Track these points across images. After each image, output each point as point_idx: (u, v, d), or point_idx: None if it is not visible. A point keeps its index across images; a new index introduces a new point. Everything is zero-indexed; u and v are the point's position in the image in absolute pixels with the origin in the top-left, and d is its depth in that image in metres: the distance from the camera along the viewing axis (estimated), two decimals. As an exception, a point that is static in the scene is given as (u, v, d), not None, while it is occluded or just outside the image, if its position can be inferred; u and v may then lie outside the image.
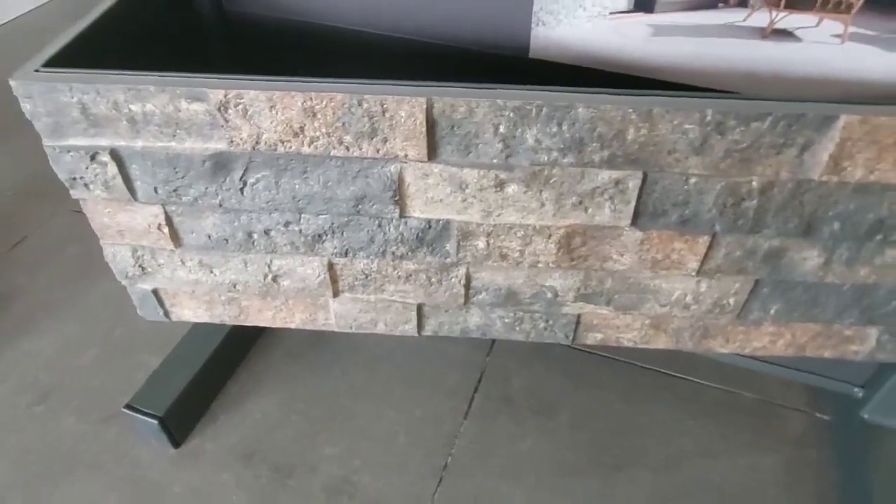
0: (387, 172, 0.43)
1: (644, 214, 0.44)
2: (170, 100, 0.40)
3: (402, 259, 0.49)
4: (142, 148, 0.43)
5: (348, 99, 0.39)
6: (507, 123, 0.39)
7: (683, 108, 0.38)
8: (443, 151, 0.41)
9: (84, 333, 0.83)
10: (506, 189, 0.43)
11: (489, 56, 0.54)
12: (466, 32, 0.53)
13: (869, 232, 0.44)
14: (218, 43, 0.60)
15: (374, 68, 0.58)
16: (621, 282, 0.49)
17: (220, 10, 0.58)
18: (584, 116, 0.39)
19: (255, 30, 0.58)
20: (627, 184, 0.42)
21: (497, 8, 0.51)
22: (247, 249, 0.49)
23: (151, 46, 0.53)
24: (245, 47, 0.60)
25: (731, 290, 0.49)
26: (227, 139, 0.42)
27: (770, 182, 0.42)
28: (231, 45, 0.60)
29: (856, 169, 0.40)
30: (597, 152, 0.40)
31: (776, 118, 0.38)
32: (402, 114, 0.39)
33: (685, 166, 0.41)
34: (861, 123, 0.38)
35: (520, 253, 0.47)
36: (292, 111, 0.40)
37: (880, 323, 0.51)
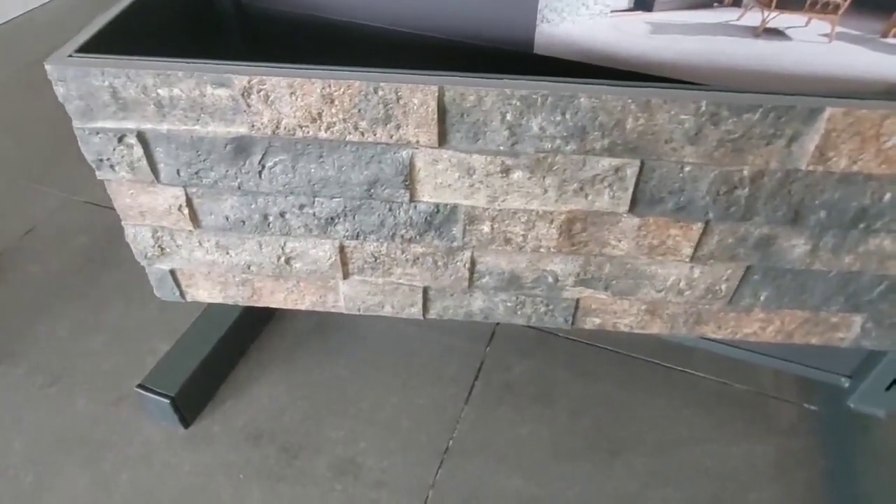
0: (399, 158, 0.45)
1: (641, 201, 0.46)
2: (196, 85, 0.42)
3: (410, 242, 0.51)
4: (167, 131, 0.45)
5: (365, 86, 0.41)
6: (513, 112, 0.42)
7: (679, 98, 0.41)
8: (452, 138, 0.44)
9: (95, 319, 0.85)
10: (511, 175, 0.46)
11: (496, 51, 0.56)
12: (475, 28, 0.56)
13: (853, 220, 0.46)
14: (236, 36, 0.62)
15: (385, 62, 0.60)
16: (619, 267, 0.52)
17: (239, 4, 0.60)
18: (587, 106, 0.41)
19: (271, 24, 0.61)
20: (626, 171, 0.45)
21: (504, 5, 0.53)
22: (262, 231, 0.52)
23: (172, 40, 0.56)
24: (262, 41, 0.62)
25: (723, 276, 0.52)
26: (249, 124, 0.44)
27: (760, 171, 0.44)
28: (248, 38, 0.62)
29: (840, 159, 0.43)
30: (598, 140, 0.43)
31: (766, 110, 0.41)
32: (416, 101, 0.42)
33: (681, 155, 0.44)
34: (845, 115, 0.40)
35: (523, 237, 0.50)
36: (311, 97, 0.42)
37: (864, 310, 0.53)
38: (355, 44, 0.60)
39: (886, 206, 0.45)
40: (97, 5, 1.57)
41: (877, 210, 0.45)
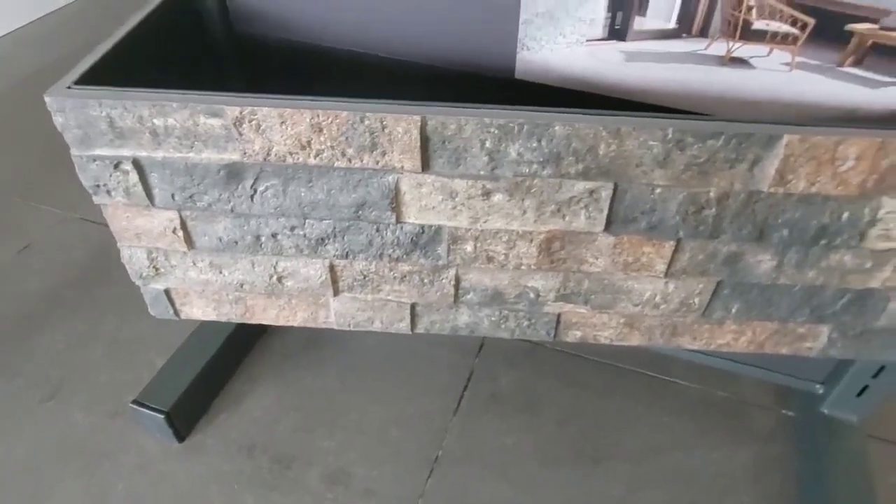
0: (385, 182, 0.47)
1: (616, 221, 0.49)
2: (190, 115, 0.45)
3: (397, 261, 0.53)
4: (162, 158, 0.48)
5: (352, 116, 0.44)
6: (492, 139, 0.44)
7: (647, 126, 0.43)
8: (435, 164, 0.46)
9: (92, 333, 0.87)
10: (491, 198, 0.48)
11: (479, 76, 0.59)
12: (459, 55, 0.58)
13: (814, 238, 0.49)
14: (229, 62, 0.64)
15: (374, 86, 0.63)
16: (597, 283, 0.54)
17: (231, 31, 0.63)
18: (561, 133, 0.44)
19: (263, 50, 0.63)
20: (600, 193, 0.47)
21: (486, 34, 0.56)
22: (255, 251, 0.54)
23: (168, 68, 0.58)
24: (255, 66, 0.65)
25: (696, 291, 0.54)
26: (241, 151, 0.46)
27: (725, 193, 0.47)
28: (241, 63, 0.65)
29: (799, 181, 0.45)
30: (572, 165, 0.45)
31: (728, 136, 0.43)
32: (400, 130, 0.44)
33: (651, 178, 0.46)
34: (801, 142, 0.43)
35: (504, 256, 0.52)
36: (301, 126, 0.45)
37: (829, 321, 0.56)
38: (346, 69, 0.62)
39: (844, 224, 0.48)
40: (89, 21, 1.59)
41: (836, 228, 0.48)
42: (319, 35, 0.61)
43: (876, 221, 0.48)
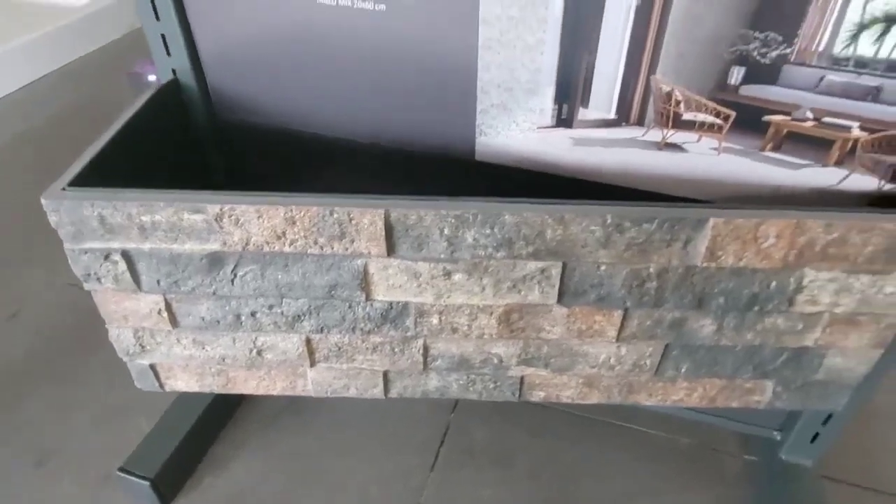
0: (354, 266, 0.52)
1: (567, 294, 0.54)
2: (175, 212, 0.49)
3: (369, 334, 0.58)
4: (149, 249, 0.52)
5: (322, 210, 0.48)
6: (450, 227, 0.49)
7: (589, 213, 0.48)
8: (399, 249, 0.51)
9: (81, 399, 0.89)
10: (452, 277, 0.52)
11: (444, 158, 0.64)
12: (425, 140, 0.63)
13: (748, 304, 0.54)
14: (213, 147, 0.69)
15: (349, 167, 0.68)
16: (555, 348, 0.59)
17: (215, 119, 0.68)
18: (511, 221, 0.49)
19: (244, 134, 0.68)
20: (551, 271, 0.52)
21: (448, 122, 0.61)
22: (235, 329, 0.58)
23: (157, 157, 0.63)
24: (236, 150, 0.70)
25: (647, 353, 0.59)
26: (222, 241, 0.51)
27: (664, 268, 0.52)
28: (224, 148, 0.70)
29: (728, 257, 0.50)
30: (524, 248, 0.50)
31: (661, 220, 0.49)
32: (366, 221, 0.49)
33: (596, 257, 0.51)
34: (725, 224, 0.48)
35: (468, 327, 0.56)
36: (276, 220, 0.49)
37: (772, 377, 0.60)
38: (322, 151, 0.67)
39: (773, 291, 0.53)
40: (70, 86, 1.63)
41: (766, 295, 0.53)
42: (296, 121, 0.66)
43: (801, 289, 0.53)
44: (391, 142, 0.64)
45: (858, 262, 0.51)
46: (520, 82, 0.56)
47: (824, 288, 0.53)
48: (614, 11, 0.50)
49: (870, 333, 0.56)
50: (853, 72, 0.48)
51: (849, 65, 0.48)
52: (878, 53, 0.47)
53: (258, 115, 0.67)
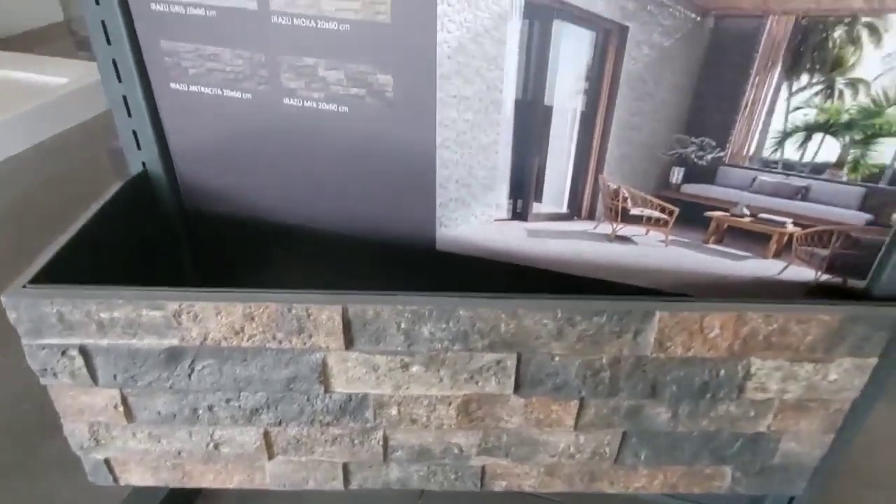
0: (313, 359, 0.52)
1: (524, 385, 0.54)
2: (133, 309, 0.50)
3: (328, 426, 0.57)
4: (107, 345, 0.52)
5: (280, 307, 0.49)
6: (406, 322, 0.50)
7: (540, 308, 0.50)
8: (358, 342, 0.52)
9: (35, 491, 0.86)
10: (410, 369, 0.53)
11: (407, 247, 0.66)
12: (389, 230, 0.65)
13: (700, 392, 0.55)
14: (180, 235, 0.70)
15: (314, 256, 0.69)
16: (515, 437, 0.59)
17: (184, 209, 0.69)
18: (465, 316, 0.50)
19: (213, 224, 0.69)
20: (506, 363, 0.53)
21: (410, 215, 0.63)
22: (192, 422, 0.57)
23: (126, 247, 0.63)
24: (205, 239, 0.71)
25: (605, 441, 0.59)
26: (180, 337, 0.51)
27: (616, 358, 0.53)
28: (194, 237, 0.71)
29: (677, 348, 0.52)
30: (479, 341, 0.51)
31: (610, 314, 0.50)
32: (324, 317, 0.50)
33: (549, 348, 0.52)
34: (671, 316, 0.50)
35: (427, 418, 0.57)
36: (234, 316, 0.50)
37: (730, 462, 0.61)
38: (287, 239, 0.69)
39: (724, 379, 0.54)
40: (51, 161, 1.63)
41: (716, 384, 0.55)
42: (264, 211, 0.68)
43: (750, 376, 0.54)
44: (356, 232, 0.66)
45: (801, 350, 0.53)
46: (477, 178, 0.59)
47: (771, 376, 0.54)
48: (561, 117, 0.54)
49: (819, 419, 0.58)
50: (782, 173, 0.52)
51: (778, 167, 0.52)
52: (803, 158, 0.51)
53: (227, 206, 0.69)
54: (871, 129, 0.48)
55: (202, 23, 0.56)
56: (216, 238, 0.70)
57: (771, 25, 0.45)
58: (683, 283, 0.60)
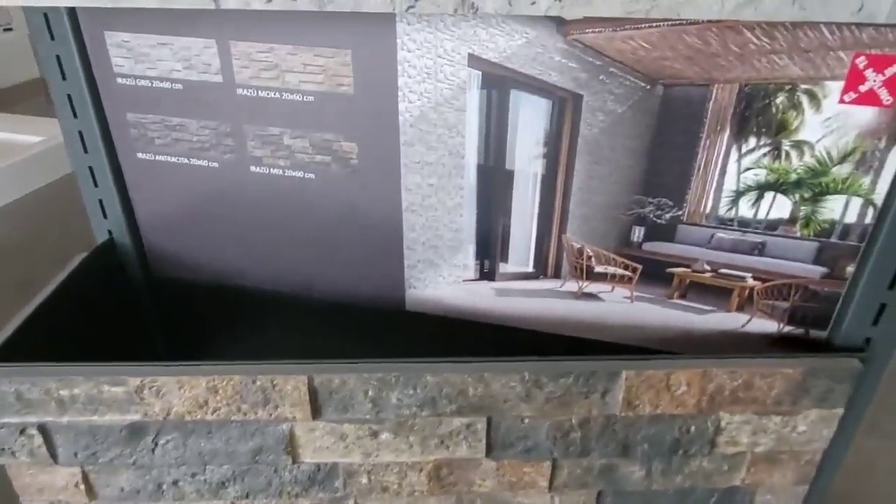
0: (280, 430, 0.52)
1: (495, 448, 0.54)
2: (94, 385, 0.49)
3: (297, 497, 0.56)
4: (67, 422, 0.51)
5: (245, 378, 0.49)
6: (373, 389, 0.50)
7: (507, 370, 0.50)
8: (325, 411, 0.51)
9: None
10: (379, 437, 0.53)
11: (377, 309, 0.66)
12: (359, 292, 0.65)
13: (671, 448, 0.55)
14: (150, 303, 0.70)
15: (284, 319, 0.69)
16: (488, 501, 0.58)
17: (151, 276, 0.69)
18: (432, 382, 0.50)
19: (180, 290, 0.69)
20: (476, 426, 0.53)
21: (378, 277, 0.64)
22: (157, 499, 0.55)
23: (93, 314, 0.63)
24: (173, 305, 0.70)
25: (581, 502, 0.59)
26: (142, 412, 0.50)
27: (586, 418, 0.53)
28: (161, 304, 0.70)
29: (645, 406, 0.52)
30: (447, 406, 0.51)
31: (577, 375, 0.50)
32: (289, 387, 0.49)
33: (518, 410, 0.52)
34: (637, 375, 0.51)
35: (398, 485, 0.56)
36: (198, 390, 0.49)
37: (707, 519, 0.61)
38: (256, 305, 0.69)
39: (694, 435, 0.54)
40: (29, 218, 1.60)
41: (687, 440, 0.55)
42: (232, 276, 0.68)
43: (720, 431, 0.55)
44: (326, 295, 0.66)
45: (768, 404, 0.53)
46: (444, 240, 0.60)
47: (741, 429, 0.55)
48: (522, 180, 0.55)
49: (792, 471, 0.58)
50: (739, 230, 0.53)
51: (734, 224, 0.53)
52: (758, 215, 0.52)
53: (195, 273, 0.68)
54: (818, 188, 0.49)
55: (168, 95, 0.57)
56: (185, 305, 0.70)
57: (716, 93, 0.47)
58: (651, 338, 0.60)
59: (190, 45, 0.53)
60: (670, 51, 0.47)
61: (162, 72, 0.56)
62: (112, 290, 0.68)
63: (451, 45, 0.49)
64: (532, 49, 0.48)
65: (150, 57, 0.55)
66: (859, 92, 0.45)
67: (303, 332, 0.70)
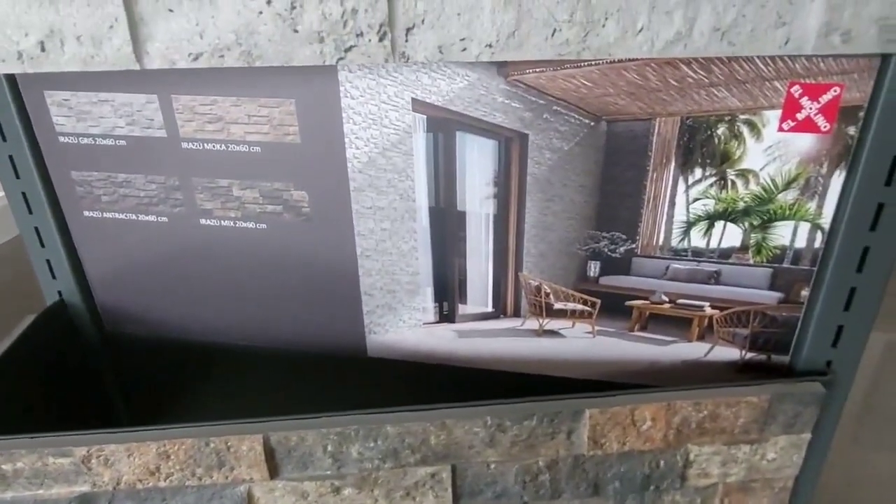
0: (237, 492, 0.50)
1: (463, 496, 0.53)
2: (38, 457, 0.47)
3: (261, 560, 0.54)
4: (11, 498, 0.48)
5: (197, 441, 0.47)
6: (333, 444, 0.48)
7: (468, 416, 0.49)
8: (283, 470, 0.49)
9: None
10: (342, 492, 0.51)
11: (338, 358, 0.65)
12: (317, 341, 0.64)
13: (643, 485, 0.54)
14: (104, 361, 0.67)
15: (242, 371, 0.67)
16: (461, 551, 0.56)
17: (104, 334, 0.67)
18: (393, 432, 0.48)
19: (135, 347, 0.67)
20: (441, 475, 0.51)
21: (338, 323, 0.62)
22: (112, 572, 0.53)
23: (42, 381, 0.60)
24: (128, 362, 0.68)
25: (555, 545, 0.57)
26: (91, 483, 0.48)
27: (554, 459, 0.52)
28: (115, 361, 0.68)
29: (612, 443, 0.51)
30: (410, 456, 0.50)
31: (540, 416, 0.50)
32: (245, 447, 0.48)
33: (484, 456, 0.51)
34: (601, 413, 0.50)
35: (365, 541, 0.54)
36: (148, 456, 0.47)
37: (685, 554, 0.59)
38: (213, 358, 0.67)
39: (665, 470, 0.54)
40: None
41: (658, 474, 0.54)
42: (187, 330, 0.66)
43: (690, 464, 0.54)
44: (284, 346, 0.65)
45: (735, 433, 0.53)
46: (401, 284, 0.59)
47: (711, 460, 0.54)
48: (475, 220, 0.55)
49: (766, 499, 0.57)
50: (693, 260, 0.53)
51: (688, 254, 0.53)
52: (710, 244, 0.52)
53: (149, 328, 0.66)
54: (766, 215, 0.50)
55: (112, 152, 0.56)
56: (140, 363, 0.68)
57: (659, 126, 0.48)
58: (616, 373, 0.60)
59: (131, 100, 0.53)
60: (612, 87, 0.47)
61: (105, 129, 0.55)
62: (63, 352, 0.66)
63: (394, 90, 0.49)
64: (475, 91, 0.48)
65: (92, 114, 0.54)
66: (797, 120, 0.45)
67: (263, 385, 0.68)
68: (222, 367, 0.68)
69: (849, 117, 0.45)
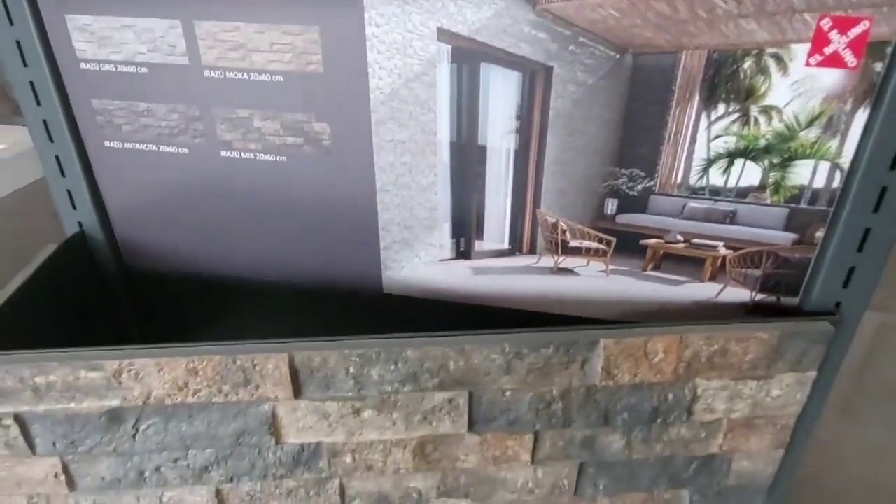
0: (262, 411, 0.51)
1: (477, 422, 0.54)
2: (70, 371, 0.48)
3: (282, 478, 0.56)
4: (44, 411, 0.50)
5: (224, 358, 0.49)
6: (355, 366, 0.50)
7: (487, 343, 0.50)
8: (306, 390, 0.51)
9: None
10: (362, 414, 0.53)
11: (353, 292, 0.66)
12: (334, 276, 0.65)
13: (651, 417, 0.56)
14: (124, 295, 0.69)
15: (259, 307, 0.68)
16: (473, 476, 0.58)
17: (123, 267, 0.68)
18: (414, 356, 0.50)
19: (154, 281, 0.68)
20: (458, 401, 0.53)
21: (355, 259, 0.63)
22: (139, 486, 0.55)
23: (65, 308, 0.62)
24: (147, 296, 0.69)
25: (563, 474, 0.59)
26: (122, 397, 0.50)
27: (567, 389, 0.53)
28: (135, 295, 0.69)
29: (623, 374, 0.53)
30: (429, 380, 0.51)
31: (557, 345, 0.51)
32: (270, 366, 0.49)
33: (500, 383, 0.52)
34: (616, 343, 0.51)
35: (382, 463, 0.56)
36: (177, 372, 0.49)
37: (688, 486, 0.62)
38: (230, 293, 0.68)
39: (672, 403, 0.55)
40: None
41: (666, 407, 0.55)
42: (206, 265, 0.67)
43: (697, 398, 0.55)
44: (300, 280, 0.66)
45: (743, 369, 0.54)
46: (419, 220, 0.60)
47: (717, 396, 0.56)
48: (495, 156, 0.55)
49: (769, 435, 0.59)
50: (710, 199, 0.54)
51: (705, 193, 0.54)
52: (728, 183, 0.53)
53: (168, 262, 0.68)
54: (787, 153, 0.50)
55: (134, 80, 0.56)
56: (158, 295, 0.69)
57: (685, 60, 0.48)
58: (628, 312, 0.61)
59: (153, 25, 0.53)
60: (640, 18, 0.47)
61: (126, 55, 0.55)
62: (84, 281, 0.67)
63: (420, 18, 0.49)
64: (501, 21, 0.48)
65: (114, 40, 0.54)
66: (824, 54, 0.45)
67: (279, 319, 0.69)
68: (238, 302, 0.69)
69: (876, 53, 0.45)
